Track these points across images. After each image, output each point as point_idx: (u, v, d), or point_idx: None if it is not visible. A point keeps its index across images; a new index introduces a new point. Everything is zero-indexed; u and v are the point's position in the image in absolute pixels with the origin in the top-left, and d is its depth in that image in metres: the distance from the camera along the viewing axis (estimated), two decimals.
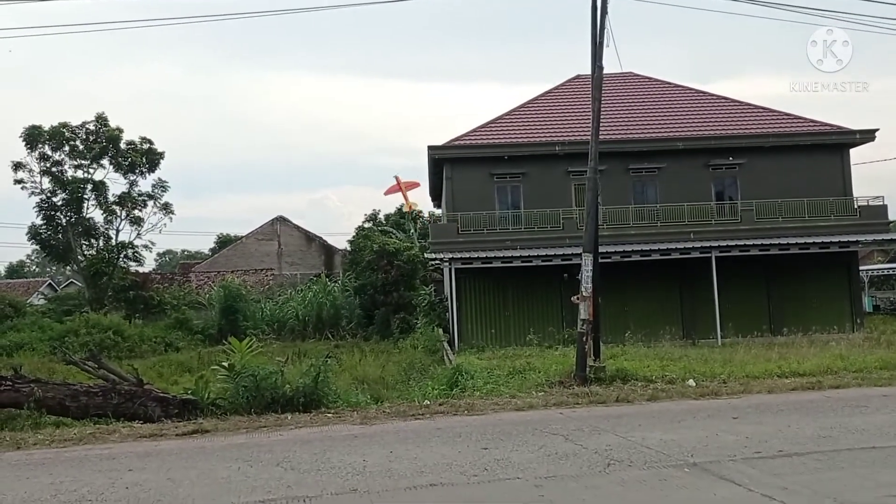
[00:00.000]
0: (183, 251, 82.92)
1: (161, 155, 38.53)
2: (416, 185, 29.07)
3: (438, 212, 39.56)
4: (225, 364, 11.61)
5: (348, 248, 44.35)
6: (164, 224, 39.17)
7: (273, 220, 46.57)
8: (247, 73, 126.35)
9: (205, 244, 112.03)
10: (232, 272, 41.99)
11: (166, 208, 38.82)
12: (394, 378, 17.10)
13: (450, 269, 25.57)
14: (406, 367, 18.69)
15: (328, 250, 46.79)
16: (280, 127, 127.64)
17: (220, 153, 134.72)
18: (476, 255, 25.25)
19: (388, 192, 28.58)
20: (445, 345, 23.23)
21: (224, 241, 58.67)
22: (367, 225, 47.86)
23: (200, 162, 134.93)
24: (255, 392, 10.98)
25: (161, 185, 38.68)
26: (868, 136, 28.28)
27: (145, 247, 39.63)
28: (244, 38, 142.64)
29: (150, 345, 28.49)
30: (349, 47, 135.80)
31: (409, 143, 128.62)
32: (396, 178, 28.76)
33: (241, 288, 34.25)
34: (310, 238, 46.87)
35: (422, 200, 42.92)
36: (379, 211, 51.38)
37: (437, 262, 26.89)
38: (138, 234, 38.67)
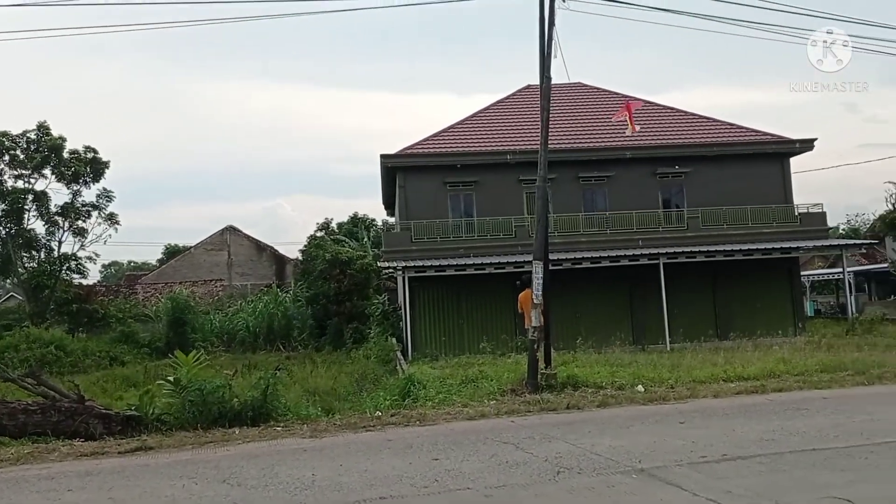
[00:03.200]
0: (129, 262, 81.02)
1: (106, 164, 37.66)
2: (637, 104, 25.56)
3: (392, 220, 39.49)
4: (171, 378, 11.35)
5: (300, 258, 43.90)
6: (109, 235, 38.35)
7: (223, 229, 45.87)
8: (196, 80, 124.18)
9: (152, 255, 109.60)
10: (180, 283, 41.19)
11: (111, 219, 37.98)
12: (346, 389, 16.94)
13: (403, 278, 25.52)
14: (358, 378, 18.54)
15: (280, 260, 46.26)
16: (231, 134, 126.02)
17: (168, 161, 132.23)
18: (429, 264, 25.27)
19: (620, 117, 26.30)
20: (399, 354, 23.15)
21: (172, 252, 57.54)
22: (319, 234, 47.40)
23: (148, 171, 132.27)
24: (202, 406, 10.74)
25: (106, 195, 37.83)
26: (807, 145, 29.18)
27: (89, 258, 38.82)
28: (191, 42, 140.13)
29: (94, 359, 27.73)
30: (301, 56, 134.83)
31: (362, 152, 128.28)
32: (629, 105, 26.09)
33: (190, 299, 33.64)
34: (261, 247, 46.30)
35: (378, 209, 42.67)
36: (332, 219, 50.93)
37: (391, 270, 26.82)
38: (82, 245, 37.81)
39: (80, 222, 37.33)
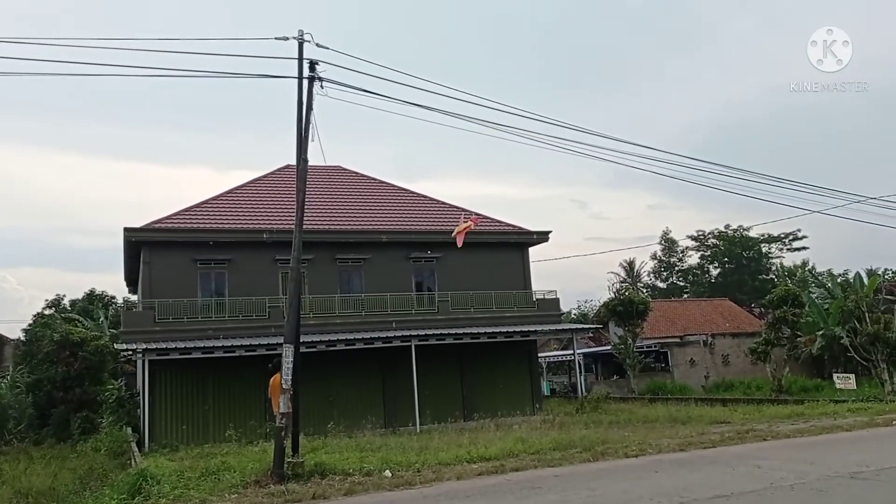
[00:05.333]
0: None
1: None
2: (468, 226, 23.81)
3: (134, 298, 36.71)
4: None
5: (23, 338, 39.11)
6: None
7: None
8: None
9: None
10: None
11: None
12: (67, 488, 15.12)
13: (143, 361, 23.63)
14: (83, 475, 16.62)
15: None
16: None
17: None
18: (173, 346, 23.69)
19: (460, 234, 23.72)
20: (134, 446, 21.14)
21: None
22: (48, 311, 42.76)
23: None
24: None
25: None
26: (543, 236, 32.10)
27: None
28: None
29: None
30: (31, 114, 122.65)
31: (105, 224, 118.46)
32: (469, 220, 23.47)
33: None
34: None
35: (120, 286, 39.59)
36: (64, 296, 46.25)
37: (130, 352, 24.74)
38: None
39: None
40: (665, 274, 74.32)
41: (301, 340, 14.98)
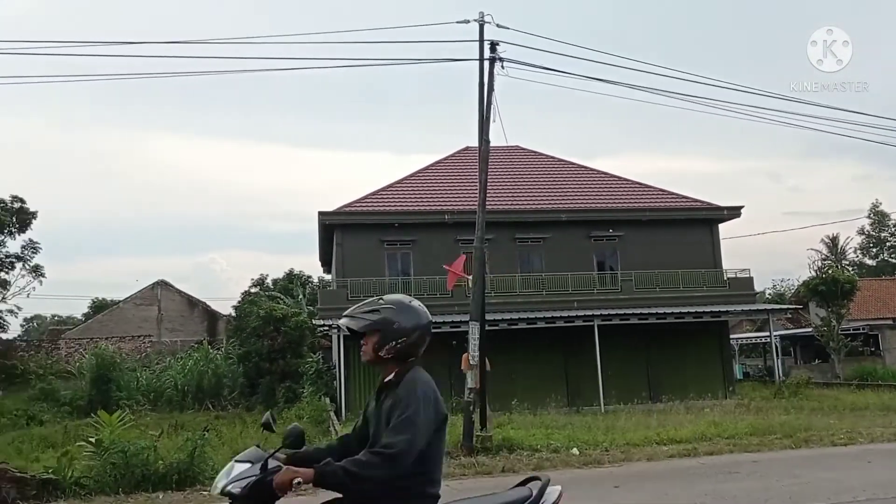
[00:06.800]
0: (53, 316, 77.81)
1: (33, 215, 36.40)
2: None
3: (328, 277, 39.16)
4: (92, 439, 10.83)
5: (233, 314, 42.97)
6: (33, 288, 36.90)
7: (154, 283, 44.60)
8: (127, 132, 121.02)
9: (78, 309, 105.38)
10: (106, 339, 39.67)
11: (36, 271, 36.59)
12: None
13: (338, 336, 25.16)
14: None
15: (212, 316, 45.15)
16: (165, 188, 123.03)
17: (99, 214, 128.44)
18: None
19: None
20: (332, 415, 22.64)
21: (99, 306, 55.48)
22: (253, 290, 46.63)
23: (77, 223, 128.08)
24: (125, 469, 10.26)
25: (32, 247, 36.50)
26: (734, 212, 30.35)
27: (10, 311, 37.12)
28: (121, 95, 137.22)
29: (9, 418, 26.24)
30: (238, 111, 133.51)
31: (300, 209, 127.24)
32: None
33: (116, 356, 32.39)
34: (193, 303, 45.13)
35: (315, 266, 42.44)
36: (267, 276, 50.19)
37: (326, 328, 26.46)
38: (3, 297, 36.13)
39: (2, 274, 35.83)
40: (874, 250, 67.67)
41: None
